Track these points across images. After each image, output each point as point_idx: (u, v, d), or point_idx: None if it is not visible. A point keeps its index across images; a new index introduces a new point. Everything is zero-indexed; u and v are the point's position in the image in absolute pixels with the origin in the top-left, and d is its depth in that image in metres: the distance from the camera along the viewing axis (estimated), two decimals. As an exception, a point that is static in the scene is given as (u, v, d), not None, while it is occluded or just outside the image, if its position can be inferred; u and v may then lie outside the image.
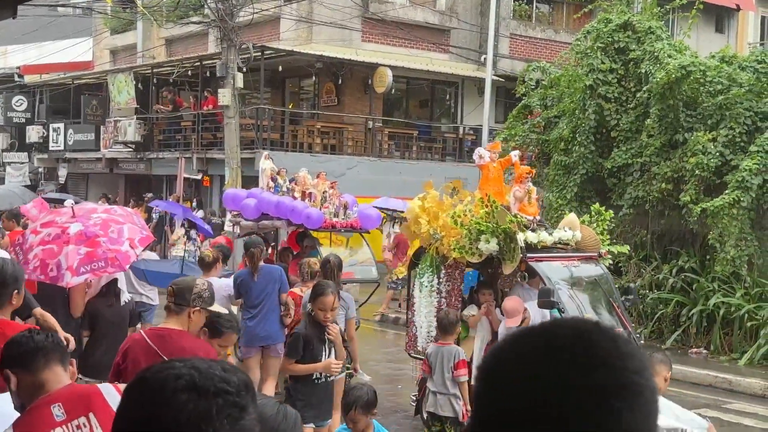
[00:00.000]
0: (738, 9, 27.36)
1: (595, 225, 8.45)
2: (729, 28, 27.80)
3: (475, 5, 23.63)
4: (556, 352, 1.10)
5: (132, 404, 1.36)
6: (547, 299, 7.07)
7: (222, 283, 8.23)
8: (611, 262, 8.89)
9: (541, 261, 7.82)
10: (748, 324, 12.03)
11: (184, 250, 17.81)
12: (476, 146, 21.77)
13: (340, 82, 21.66)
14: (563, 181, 14.75)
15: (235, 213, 11.80)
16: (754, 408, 9.97)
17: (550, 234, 7.97)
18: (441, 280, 8.36)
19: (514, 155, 9.09)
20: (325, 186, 11.24)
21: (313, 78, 22.80)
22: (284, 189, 11.23)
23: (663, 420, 3.57)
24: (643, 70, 13.90)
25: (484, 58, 21.26)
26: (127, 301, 7.06)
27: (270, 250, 11.53)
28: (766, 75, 13.15)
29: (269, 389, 8.15)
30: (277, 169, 11.78)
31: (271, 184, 11.43)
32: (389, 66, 21.09)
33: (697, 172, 12.78)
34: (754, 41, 27.05)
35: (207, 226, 16.49)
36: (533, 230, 7.92)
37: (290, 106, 23.61)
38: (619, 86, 14.43)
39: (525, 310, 7.49)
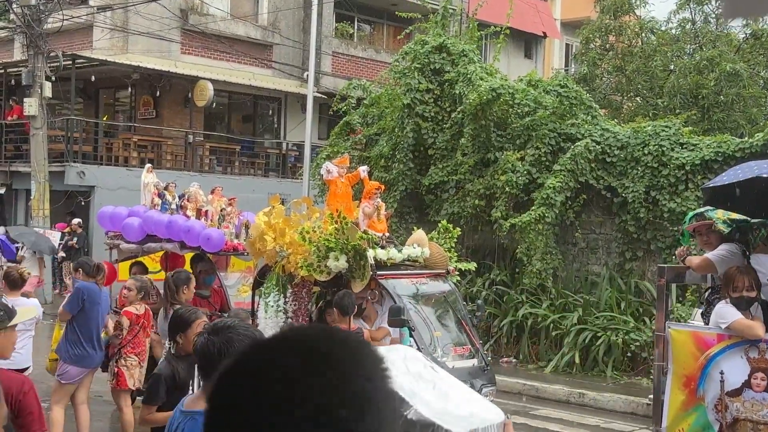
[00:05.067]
0: (545, 36, 29.20)
1: (443, 242, 8.49)
2: (537, 54, 29.59)
3: (297, 22, 23.70)
4: (281, 364, 1.07)
5: None
6: (397, 317, 6.95)
7: (26, 304, 7.55)
8: (458, 278, 9.02)
9: (391, 278, 7.72)
10: (553, 333, 12.72)
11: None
12: (299, 162, 21.85)
13: (158, 94, 20.99)
14: (384, 198, 14.99)
15: (113, 234, 10.32)
16: (559, 413, 10.53)
17: (400, 251, 7.89)
18: (287, 299, 8.02)
19: (363, 170, 8.88)
20: (222, 203, 10.06)
21: (130, 89, 21.96)
22: (173, 206, 9.99)
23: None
24: (457, 91, 14.45)
25: (307, 75, 21.33)
26: None
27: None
28: (568, 98, 14.04)
29: (84, 397, 7.91)
30: (164, 184, 10.38)
31: (157, 200, 10.06)
32: (210, 79, 20.69)
33: (507, 189, 13.43)
34: (559, 66, 28.91)
35: (12, 246, 15.36)
36: (383, 247, 7.80)
37: (104, 118, 22.57)
38: (436, 106, 14.93)
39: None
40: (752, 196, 5.67)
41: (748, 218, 5.84)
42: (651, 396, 6.11)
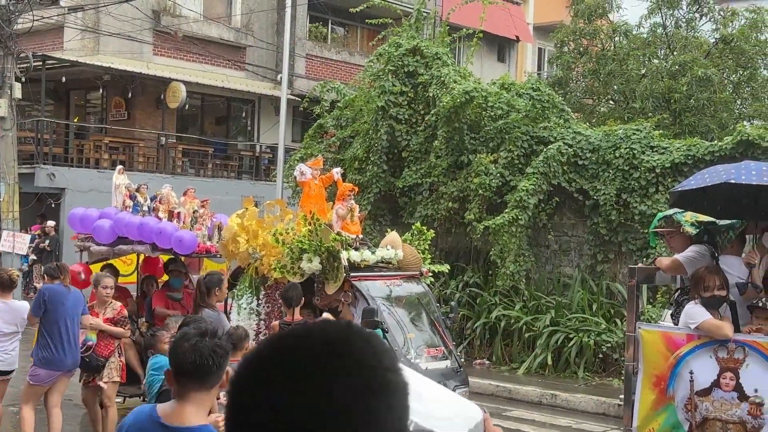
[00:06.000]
0: (517, 40, 29.37)
1: (416, 244, 8.54)
2: (510, 57, 29.75)
3: (271, 24, 23.64)
4: (308, 357, 1.08)
5: None
6: (370, 319, 6.99)
7: (19, 306, 7.84)
8: (432, 280, 9.07)
9: (364, 280, 7.76)
10: (526, 335, 12.79)
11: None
12: (273, 165, 21.77)
13: (130, 95, 20.83)
14: (357, 200, 15.00)
15: (84, 237, 10.18)
16: (531, 415, 10.58)
17: (373, 252, 7.94)
18: (260, 301, 8.05)
19: (336, 172, 8.95)
20: (194, 205, 9.94)
21: (101, 91, 21.76)
22: (145, 208, 9.86)
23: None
24: (431, 94, 14.49)
25: (280, 77, 21.28)
26: None
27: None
28: (541, 102, 14.13)
29: (57, 400, 7.79)
30: (135, 186, 10.25)
31: (129, 202, 9.93)
32: (183, 81, 20.56)
33: (480, 191, 13.48)
34: (532, 70, 29.09)
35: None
36: (356, 249, 7.85)
37: (75, 120, 22.35)
38: (410, 108, 14.95)
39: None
40: (719, 200, 5.75)
41: (716, 220, 5.92)
42: (622, 396, 6.17)
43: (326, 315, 7.43)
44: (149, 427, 2.81)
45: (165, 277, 10.19)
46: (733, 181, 5.33)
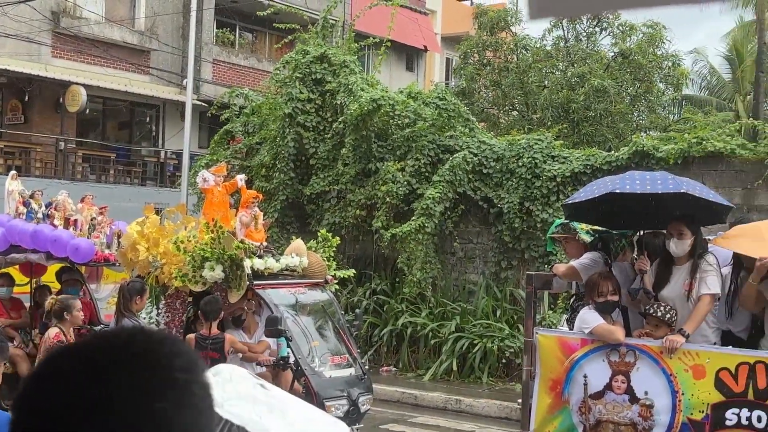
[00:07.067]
0: (426, 50, 29.74)
1: (322, 251, 8.51)
2: (418, 67, 30.09)
3: (176, 28, 23.20)
4: (94, 362, 1.08)
5: None
6: (274, 327, 6.93)
7: None
8: (338, 287, 9.03)
9: (268, 288, 7.69)
10: (432, 341, 12.93)
11: None
12: (178, 171, 21.35)
13: (27, 99, 20.08)
14: (264, 207, 14.88)
15: None
16: (436, 420, 10.69)
17: (277, 260, 7.88)
18: (160, 311, 7.93)
19: (240, 179, 8.87)
20: (92, 212, 9.67)
21: (-4, 93, 20.88)
22: (40, 215, 9.47)
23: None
24: (339, 102, 14.51)
25: (186, 82, 20.90)
26: None
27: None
28: (447, 111, 14.32)
29: None
30: (29, 192, 9.83)
31: (22, 209, 9.52)
32: (83, 84, 19.94)
33: (387, 199, 13.57)
34: (440, 80, 29.50)
35: None
36: (260, 256, 7.78)
37: (-32, 123, 21.38)
38: (317, 116, 14.93)
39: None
40: (609, 210, 5.95)
41: (610, 229, 6.13)
42: (520, 400, 6.30)
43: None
44: None
45: (56, 286, 9.84)
46: (618, 191, 5.53)
